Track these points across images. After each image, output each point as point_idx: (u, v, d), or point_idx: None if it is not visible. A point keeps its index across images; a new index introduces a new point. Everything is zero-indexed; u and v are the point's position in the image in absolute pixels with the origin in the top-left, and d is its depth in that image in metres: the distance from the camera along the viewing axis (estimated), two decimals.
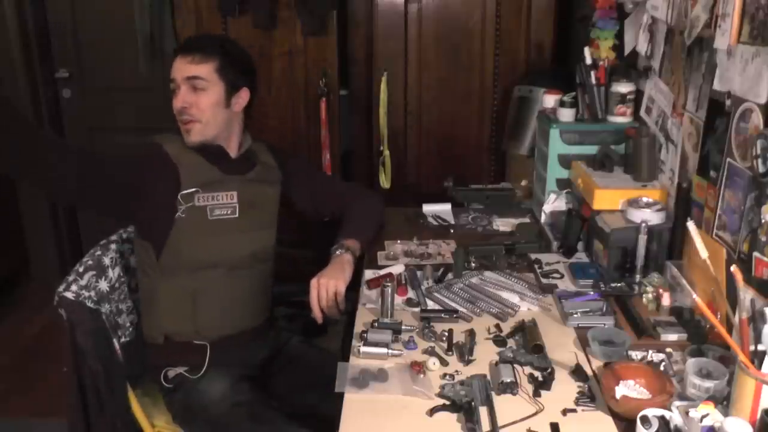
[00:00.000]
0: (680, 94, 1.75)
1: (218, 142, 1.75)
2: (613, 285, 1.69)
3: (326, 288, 1.64)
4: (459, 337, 1.50)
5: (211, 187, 1.72)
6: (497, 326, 1.56)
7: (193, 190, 1.69)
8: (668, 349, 1.44)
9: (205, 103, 1.70)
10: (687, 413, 1.13)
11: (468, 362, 1.42)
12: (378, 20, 2.93)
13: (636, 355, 1.42)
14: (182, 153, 1.72)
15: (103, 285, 1.72)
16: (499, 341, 1.50)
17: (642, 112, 2.00)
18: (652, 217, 1.72)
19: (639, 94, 2.04)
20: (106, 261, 1.75)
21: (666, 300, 1.60)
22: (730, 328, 1.26)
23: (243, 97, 1.77)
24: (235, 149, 1.80)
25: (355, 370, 1.38)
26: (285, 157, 1.93)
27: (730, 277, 1.32)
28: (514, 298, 1.67)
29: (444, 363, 1.42)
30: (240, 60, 1.78)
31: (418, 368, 1.37)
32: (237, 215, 1.75)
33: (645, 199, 1.78)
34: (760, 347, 1.12)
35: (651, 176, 1.87)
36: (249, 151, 1.83)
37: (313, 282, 1.66)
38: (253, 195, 1.79)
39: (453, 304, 1.65)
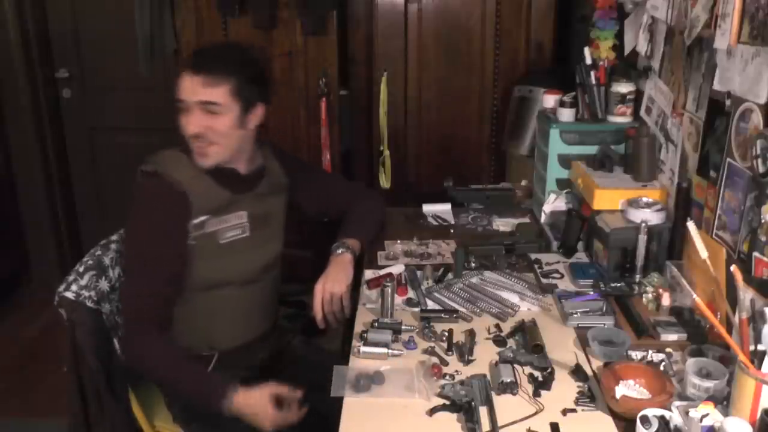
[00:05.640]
0: (680, 94, 1.75)
1: (231, 163, 1.67)
2: (613, 285, 1.69)
3: (331, 294, 1.66)
4: (459, 337, 1.50)
5: (221, 211, 1.65)
6: (497, 326, 1.56)
7: (203, 218, 1.62)
8: (668, 349, 1.44)
9: (220, 126, 1.58)
10: (687, 413, 1.12)
11: (468, 362, 1.42)
12: (378, 20, 2.92)
13: (636, 355, 1.42)
14: (191, 179, 1.61)
15: (104, 285, 1.71)
16: (499, 341, 1.50)
17: (642, 112, 2.00)
18: (652, 217, 1.72)
19: (639, 94, 2.04)
20: (106, 261, 1.74)
21: (666, 300, 1.60)
22: (730, 328, 1.26)
23: (258, 113, 1.65)
24: (246, 166, 1.71)
25: (351, 374, 1.37)
26: (290, 160, 1.89)
27: (730, 277, 1.32)
28: (514, 298, 1.67)
29: (444, 363, 1.42)
30: (255, 76, 1.63)
31: (437, 370, 1.37)
32: (248, 233, 1.71)
33: (645, 199, 1.78)
34: (760, 347, 1.12)
35: (651, 176, 1.87)
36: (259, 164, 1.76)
37: (318, 288, 1.66)
38: (264, 210, 1.75)
39: (453, 304, 1.65)
